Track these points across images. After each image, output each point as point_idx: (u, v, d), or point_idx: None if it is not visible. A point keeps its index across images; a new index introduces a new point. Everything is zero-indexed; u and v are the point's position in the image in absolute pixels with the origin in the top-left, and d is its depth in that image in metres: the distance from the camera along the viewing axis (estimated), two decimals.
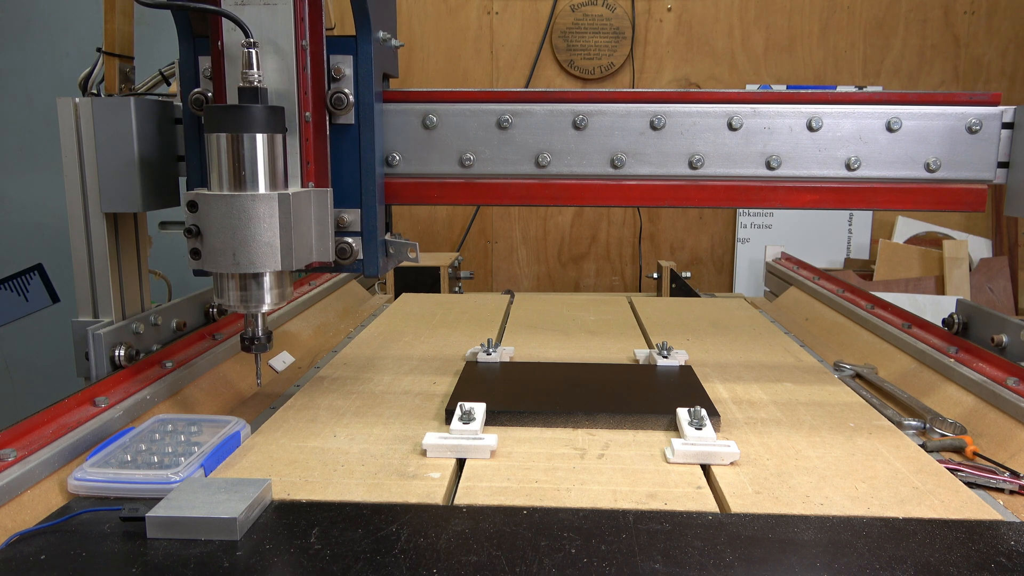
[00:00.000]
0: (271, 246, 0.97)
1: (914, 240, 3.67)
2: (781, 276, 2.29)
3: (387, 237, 1.14)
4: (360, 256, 1.10)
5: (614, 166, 1.12)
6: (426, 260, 2.36)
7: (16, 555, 0.74)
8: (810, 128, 1.09)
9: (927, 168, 1.09)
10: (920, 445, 1.06)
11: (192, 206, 0.96)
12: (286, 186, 1.01)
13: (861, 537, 0.79)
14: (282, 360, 1.49)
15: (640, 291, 3.68)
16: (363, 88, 1.06)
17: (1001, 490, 0.95)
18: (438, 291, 2.28)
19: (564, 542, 0.77)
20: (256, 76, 0.97)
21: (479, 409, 1.08)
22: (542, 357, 1.46)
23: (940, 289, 3.45)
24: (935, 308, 3.33)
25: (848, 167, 1.10)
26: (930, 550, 0.76)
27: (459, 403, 1.08)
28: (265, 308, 1.04)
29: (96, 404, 1.04)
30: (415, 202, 1.16)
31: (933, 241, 3.61)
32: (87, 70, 1.32)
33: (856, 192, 1.11)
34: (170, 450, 0.95)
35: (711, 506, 0.86)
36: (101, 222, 1.20)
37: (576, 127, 1.11)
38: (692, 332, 1.66)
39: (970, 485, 0.94)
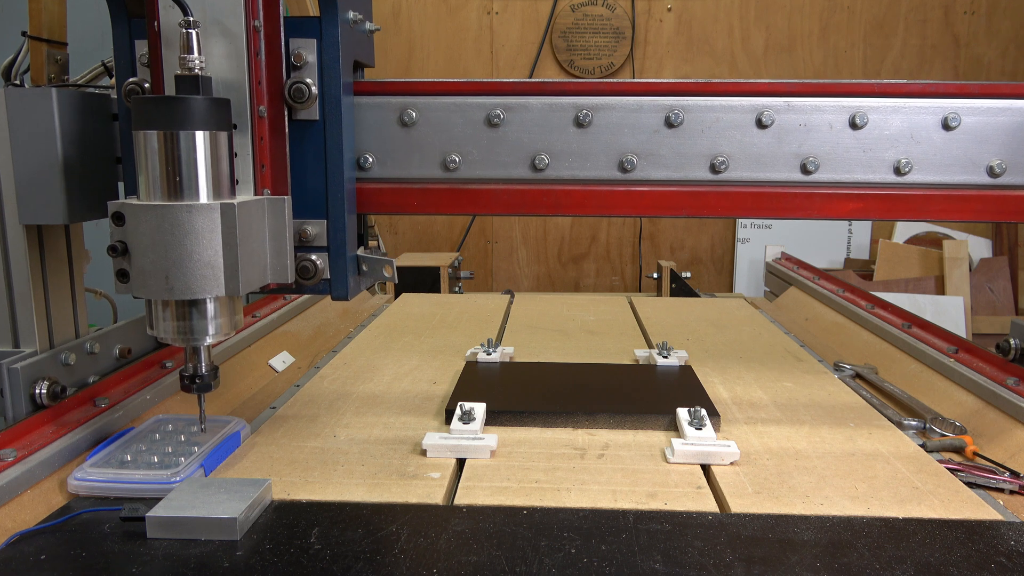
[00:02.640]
0: (212, 267, 0.82)
1: (914, 240, 3.67)
2: (781, 276, 2.29)
3: (359, 252, 0.99)
4: (326, 275, 0.95)
5: (623, 169, 0.97)
6: (426, 260, 2.36)
7: (16, 555, 0.74)
8: (853, 125, 0.94)
9: (990, 172, 0.95)
10: (920, 445, 1.06)
11: (118, 219, 0.81)
12: (233, 194, 0.86)
13: (861, 537, 0.79)
14: (282, 360, 1.49)
15: (640, 291, 3.68)
16: (329, 78, 0.91)
17: (1001, 490, 0.95)
18: (438, 291, 2.28)
19: (564, 542, 0.77)
20: (197, 62, 0.82)
21: (479, 409, 1.08)
22: (542, 357, 1.46)
23: (940, 289, 3.45)
24: (935, 308, 3.33)
25: (897, 171, 0.95)
26: (930, 550, 0.76)
27: (459, 403, 1.08)
28: (208, 341, 0.88)
29: (96, 404, 1.04)
30: (391, 211, 1.01)
31: (933, 241, 3.61)
32: (11, 57, 1.14)
33: (906, 200, 0.96)
34: (170, 450, 0.95)
35: (711, 506, 0.86)
36: (20, 236, 1.01)
37: (579, 124, 0.96)
38: (692, 332, 1.66)
39: (970, 485, 0.94)
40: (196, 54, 0.82)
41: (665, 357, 1.37)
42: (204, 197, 0.82)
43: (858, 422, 1.13)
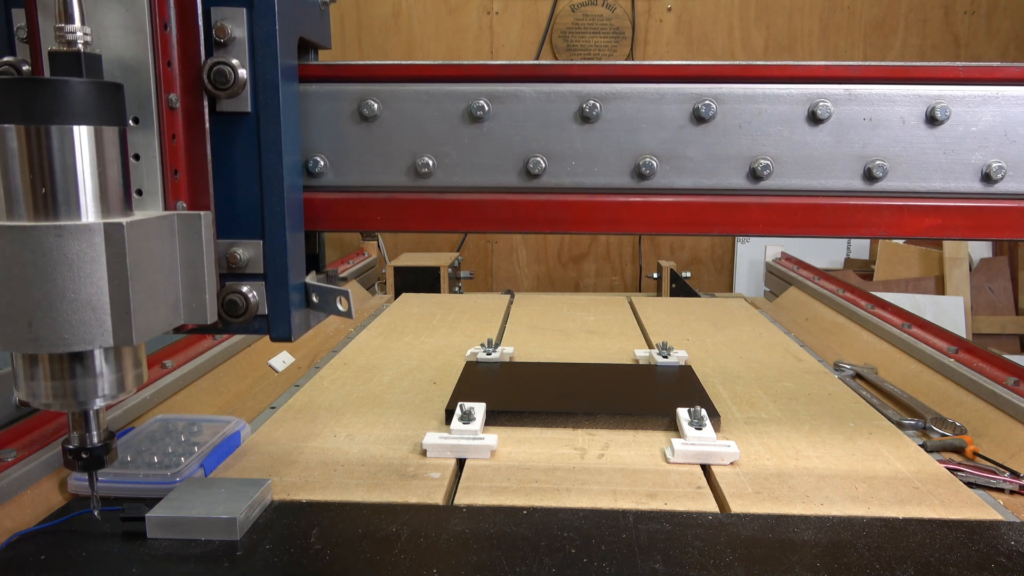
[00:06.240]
0: (94, 309, 0.61)
1: (914, 240, 3.67)
2: (781, 276, 2.29)
3: (308, 280, 0.78)
4: (263, 310, 0.74)
5: (639, 175, 0.77)
6: (426, 260, 2.36)
7: (16, 555, 0.74)
8: (932, 120, 0.75)
9: None
10: (920, 445, 1.06)
11: None
12: (129, 209, 0.65)
13: (861, 537, 0.79)
14: (282, 360, 1.49)
15: (640, 291, 3.68)
16: (264, 58, 0.70)
17: (1001, 490, 0.95)
18: (438, 291, 2.28)
19: (564, 542, 0.77)
20: (79, 34, 0.62)
21: (479, 409, 1.08)
22: (542, 357, 1.46)
23: (940, 289, 3.46)
24: (935, 308, 3.33)
25: (987, 178, 0.75)
26: (930, 550, 0.76)
27: (459, 403, 1.08)
28: (98, 404, 0.65)
29: None
30: (348, 227, 0.81)
31: (933, 241, 3.61)
32: None
33: (997, 215, 0.76)
34: (170, 450, 0.95)
35: (711, 506, 0.86)
36: None
37: (584, 118, 0.76)
38: (692, 332, 1.66)
39: (970, 485, 0.94)
40: (78, 24, 0.62)
41: (665, 357, 1.37)
42: (86, 215, 0.61)
43: (858, 422, 1.13)
